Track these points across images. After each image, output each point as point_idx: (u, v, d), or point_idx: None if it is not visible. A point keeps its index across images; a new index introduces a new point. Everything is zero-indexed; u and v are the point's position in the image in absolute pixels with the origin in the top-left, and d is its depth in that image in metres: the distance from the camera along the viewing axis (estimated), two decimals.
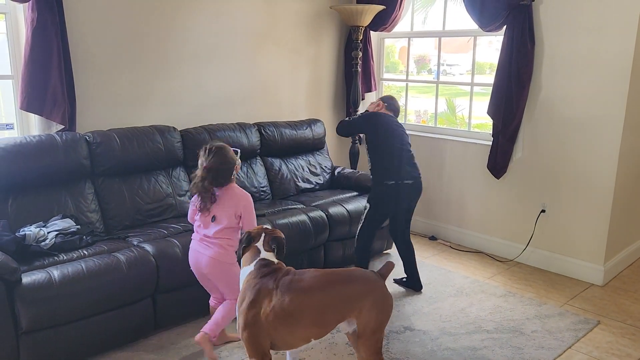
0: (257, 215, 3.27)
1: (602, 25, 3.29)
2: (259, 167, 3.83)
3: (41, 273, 2.35)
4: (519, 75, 3.61)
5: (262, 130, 3.88)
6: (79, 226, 2.78)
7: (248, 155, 3.79)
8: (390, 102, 3.43)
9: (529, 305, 3.19)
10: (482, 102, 4.41)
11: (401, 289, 3.39)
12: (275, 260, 2.21)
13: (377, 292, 2.10)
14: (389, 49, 5.01)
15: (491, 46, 5.62)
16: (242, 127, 3.77)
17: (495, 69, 3.77)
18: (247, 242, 2.26)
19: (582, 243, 3.56)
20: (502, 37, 3.69)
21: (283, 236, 2.31)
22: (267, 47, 4.14)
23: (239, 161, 2.62)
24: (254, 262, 2.19)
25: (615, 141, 3.33)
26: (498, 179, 3.91)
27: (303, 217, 3.34)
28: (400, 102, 3.74)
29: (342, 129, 3.46)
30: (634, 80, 3.28)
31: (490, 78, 4.73)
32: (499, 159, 3.84)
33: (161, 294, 2.72)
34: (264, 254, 2.22)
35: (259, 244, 2.25)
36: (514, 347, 2.73)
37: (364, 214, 3.28)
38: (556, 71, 3.54)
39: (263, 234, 2.28)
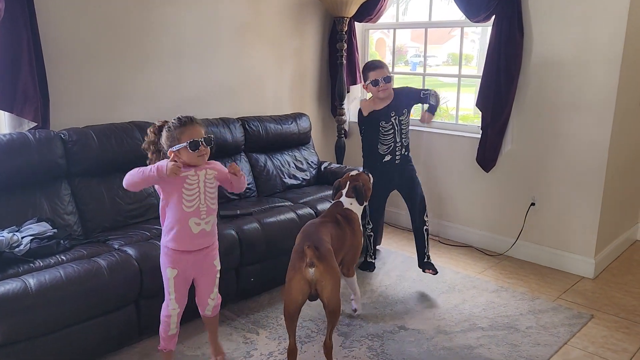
0: (244, 214, 3.18)
1: (592, 15, 3.25)
2: (243, 164, 3.71)
3: (16, 282, 2.19)
4: (508, 67, 3.55)
5: (246, 126, 3.75)
6: (55, 230, 2.62)
7: (232, 151, 3.67)
8: (366, 75, 3.25)
9: (521, 300, 3.15)
10: (465, 94, 4.38)
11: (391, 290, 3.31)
12: (346, 206, 2.81)
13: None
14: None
15: (467, 37, 5.59)
16: (226, 122, 3.63)
17: (474, 60, 3.71)
18: (336, 190, 2.90)
19: (573, 236, 3.54)
20: (490, 27, 3.63)
21: (361, 183, 2.85)
22: (250, 39, 4.00)
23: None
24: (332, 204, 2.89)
25: (606, 133, 3.31)
26: (487, 172, 3.86)
27: (291, 215, 3.23)
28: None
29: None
30: (624, 71, 3.25)
31: (469, 69, 4.70)
32: (488, 152, 3.79)
33: (145, 299, 2.58)
34: (343, 199, 2.84)
35: (344, 191, 2.86)
36: (510, 344, 2.68)
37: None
38: (546, 62, 3.49)
39: (348, 182, 2.87)
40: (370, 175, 3.02)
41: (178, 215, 2.19)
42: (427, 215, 3.40)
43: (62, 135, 2.91)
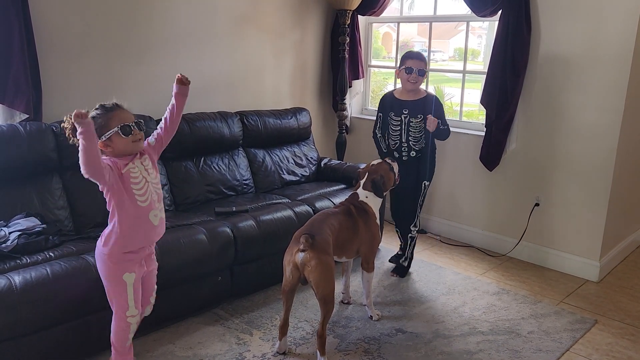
0: (240, 211, 3.10)
1: (602, 11, 3.14)
2: (241, 159, 3.63)
3: (0, 279, 2.12)
4: (514, 63, 3.45)
5: (245, 120, 3.67)
6: (44, 225, 2.55)
7: (230, 146, 3.59)
8: (403, 61, 3.20)
9: (523, 304, 3.07)
10: (471, 90, 4.28)
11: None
12: (361, 198, 2.81)
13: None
14: (373, 34, 4.82)
15: (474, 33, 5.47)
16: (224, 116, 3.55)
17: (481, 55, 3.61)
18: (356, 180, 2.95)
19: (577, 238, 3.44)
20: (497, 22, 3.52)
21: (380, 175, 2.82)
22: (250, 31, 3.91)
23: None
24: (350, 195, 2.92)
25: (614, 132, 3.20)
26: (491, 171, 3.77)
27: (288, 213, 3.15)
28: (388, 90, 3.57)
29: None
30: (635, 69, 3.14)
31: (474, 65, 4.59)
32: (492, 150, 3.69)
33: None
34: (360, 191, 2.85)
35: (362, 182, 2.86)
36: (511, 350, 2.60)
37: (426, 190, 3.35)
38: (553, 59, 3.39)
39: (367, 174, 2.86)
40: (395, 164, 2.96)
41: (135, 213, 2.04)
42: (415, 225, 3.35)
43: (54, 128, 2.83)
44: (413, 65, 3.12)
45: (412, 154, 3.24)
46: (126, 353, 2.18)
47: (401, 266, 3.41)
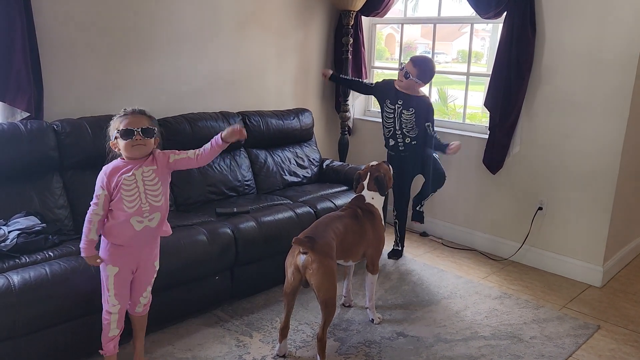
0: (241, 212, 3.08)
1: (607, 14, 3.12)
2: (243, 159, 3.61)
3: None
4: (519, 66, 3.43)
5: (247, 120, 3.65)
6: (44, 224, 2.54)
7: (232, 147, 3.54)
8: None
9: (525, 308, 3.04)
10: (474, 92, 4.26)
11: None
12: (368, 200, 2.77)
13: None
14: (376, 35, 4.80)
15: (477, 35, 5.47)
16: (225, 116, 3.54)
17: (484, 58, 3.61)
18: (357, 182, 2.86)
19: (581, 243, 3.42)
20: (501, 24, 3.50)
21: (382, 173, 2.79)
22: (253, 31, 3.89)
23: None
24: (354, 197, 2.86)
25: (619, 136, 3.18)
26: (494, 174, 3.74)
27: (290, 214, 3.14)
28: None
29: None
30: None
31: (477, 67, 4.58)
32: (495, 154, 3.67)
33: None
34: (366, 192, 2.81)
35: (365, 183, 2.82)
36: (513, 355, 2.58)
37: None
38: (558, 62, 3.36)
39: (369, 174, 2.81)
40: (390, 166, 2.99)
41: (119, 214, 2.09)
42: (423, 203, 3.66)
43: (55, 127, 2.82)
44: (405, 65, 3.40)
45: (407, 140, 3.45)
46: (107, 342, 2.19)
47: (396, 250, 3.69)
